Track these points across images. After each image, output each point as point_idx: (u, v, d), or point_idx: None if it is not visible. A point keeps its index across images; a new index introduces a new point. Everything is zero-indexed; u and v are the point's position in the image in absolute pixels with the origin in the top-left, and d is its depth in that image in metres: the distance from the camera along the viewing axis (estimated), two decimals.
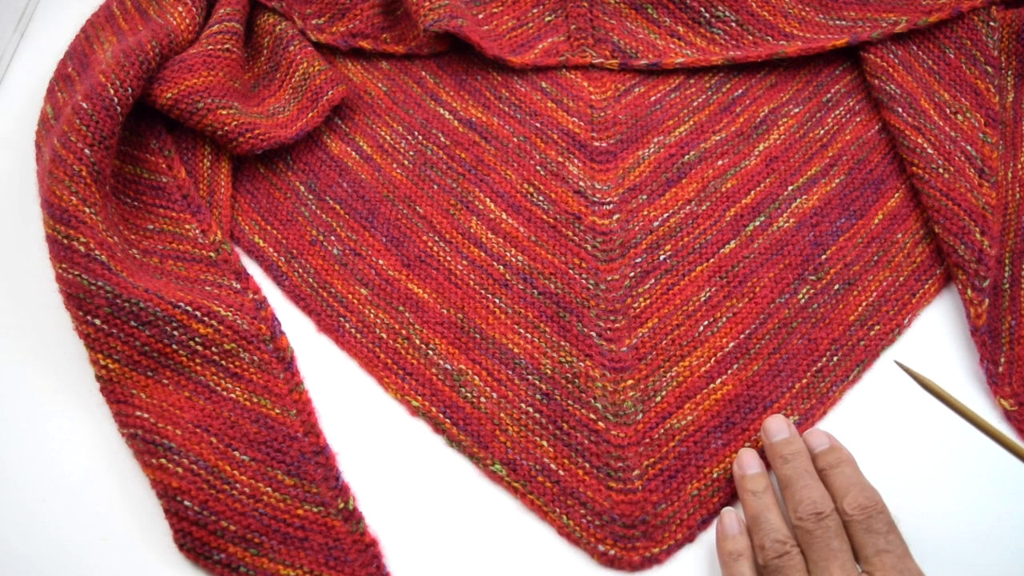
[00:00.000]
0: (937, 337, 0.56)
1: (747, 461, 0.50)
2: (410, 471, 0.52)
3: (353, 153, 0.63)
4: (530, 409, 0.53)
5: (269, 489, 0.49)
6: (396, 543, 0.49)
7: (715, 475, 0.51)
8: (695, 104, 0.64)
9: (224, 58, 0.62)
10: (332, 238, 0.60)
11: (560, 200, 0.60)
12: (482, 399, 0.53)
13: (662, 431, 0.52)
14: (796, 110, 0.64)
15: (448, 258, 0.58)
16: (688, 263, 0.58)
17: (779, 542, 0.45)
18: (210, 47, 0.62)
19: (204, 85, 0.60)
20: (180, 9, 0.64)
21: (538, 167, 0.62)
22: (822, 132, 0.63)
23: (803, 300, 0.56)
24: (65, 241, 0.52)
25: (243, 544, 0.48)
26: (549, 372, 0.54)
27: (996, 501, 0.50)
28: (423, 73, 0.67)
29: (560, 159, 0.62)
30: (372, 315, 0.57)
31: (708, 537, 0.49)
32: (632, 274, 0.57)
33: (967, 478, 0.50)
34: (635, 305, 0.56)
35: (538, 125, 0.63)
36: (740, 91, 0.65)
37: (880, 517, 0.45)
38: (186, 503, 0.48)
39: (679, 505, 0.50)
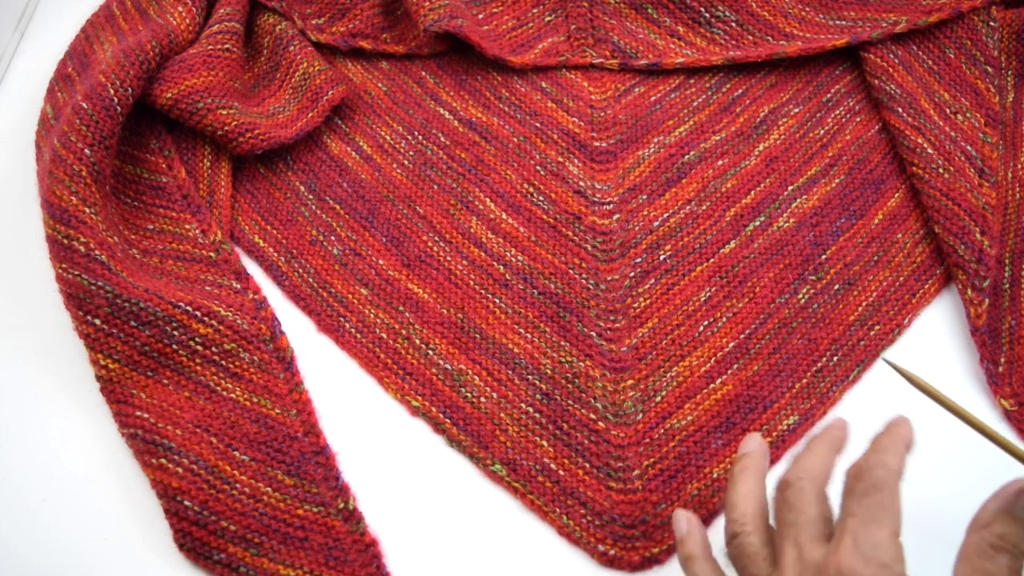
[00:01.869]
0: (937, 337, 0.56)
1: (745, 443, 0.45)
2: (410, 471, 0.52)
3: (353, 153, 0.63)
4: (530, 409, 0.53)
5: (269, 489, 0.49)
6: (396, 543, 0.49)
7: (715, 475, 0.51)
8: (695, 104, 0.64)
9: (224, 58, 0.62)
10: (332, 238, 0.60)
11: (560, 200, 0.60)
12: (482, 399, 0.53)
13: (662, 431, 0.52)
14: (796, 110, 0.64)
15: (448, 258, 0.58)
16: (688, 263, 0.58)
17: (730, 523, 0.40)
18: (210, 47, 0.62)
19: (204, 85, 0.60)
20: (180, 9, 0.64)
21: (538, 167, 0.62)
22: (822, 132, 0.63)
23: (803, 300, 0.56)
24: (65, 241, 0.52)
25: (243, 544, 0.48)
26: (549, 372, 0.54)
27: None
28: (423, 73, 0.67)
29: (560, 159, 0.62)
30: (372, 315, 0.57)
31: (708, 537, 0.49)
32: (632, 274, 0.57)
33: (967, 478, 0.50)
34: (635, 305, 0.56)
35: (538, 125, 0.63)
36: (740, 91, 0.65)
37: (865, 479, 0.38)
38: (186, 503, 0.48)
39: (679, 505, 0.50)
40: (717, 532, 0.50)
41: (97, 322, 0.52)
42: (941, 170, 0.59)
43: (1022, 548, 0.37)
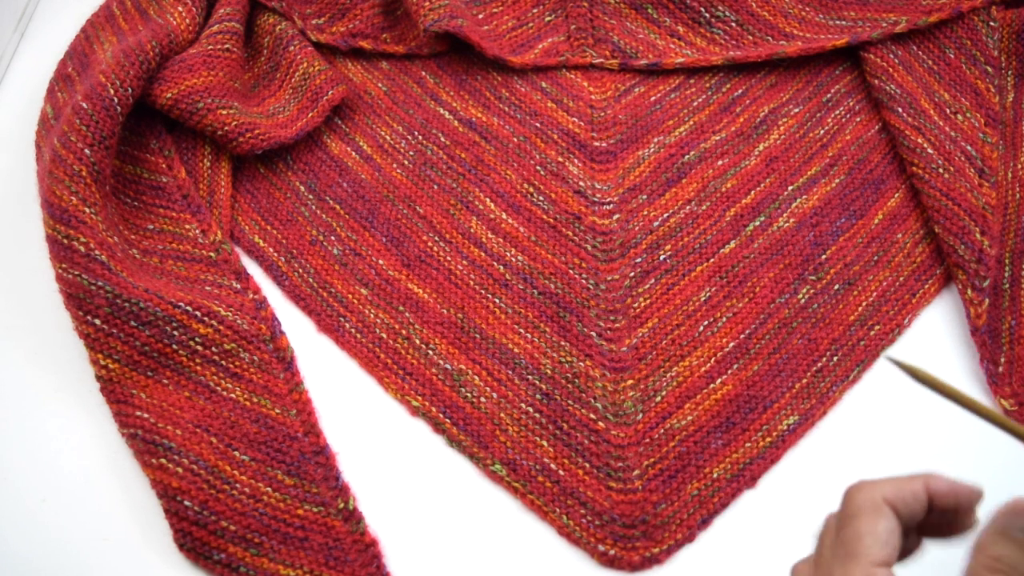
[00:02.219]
0: (937, 337, 0.56)
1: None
2: (410, 471, 0.52)
3: (353, 153, 0.63)
4: (530, 409, 0.53)
5: (269, 489, 0.49)
6: (396, 543, 0.49)
7: (715, 475, 0.51)
8: (695, 104, 0.64)
9: (224, 58, 0.62)
10: (332, 238, 0.60)
11: (560, 200, 0.60)
12: (482, 399, 0.53)
13: (662, 431, 0.52)
14: (796, 110, 0.64)
15: (448, 258, 0.58)
16: (688, 263, 0.58)
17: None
18: (210, 47, 0.62)
19: (204, 85, 0.60)
20: (180, 9, 0.64)
21: (538, 167, 0.62)
22: (822, 132, 0.63)
23: (803, 300, 0.56)
24: (65, 241, 0.52)
25: (243, 544, 0.48)
26: (549, 372, 0.54)
27: (996, 502, 0.50)
28: (423, 73, 0.67)
29: (560, 159, 0.62)
30: (372, 315, 0.57)
31: (708, 537, 0.49)
32: (632, 274, 0.57)
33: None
34: (635, 305, 0.56)
35: (538, 125, 0.63)
36: (740, 91, 0.65)
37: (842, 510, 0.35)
38: (186, 503, 0.48)
39: (679, 505, 0.50)
40: (716, 535, 0.50)
41: (97, 322, 0.52)
42: (941, 170, 0.59)
43: (1020, 570, 0.36)
